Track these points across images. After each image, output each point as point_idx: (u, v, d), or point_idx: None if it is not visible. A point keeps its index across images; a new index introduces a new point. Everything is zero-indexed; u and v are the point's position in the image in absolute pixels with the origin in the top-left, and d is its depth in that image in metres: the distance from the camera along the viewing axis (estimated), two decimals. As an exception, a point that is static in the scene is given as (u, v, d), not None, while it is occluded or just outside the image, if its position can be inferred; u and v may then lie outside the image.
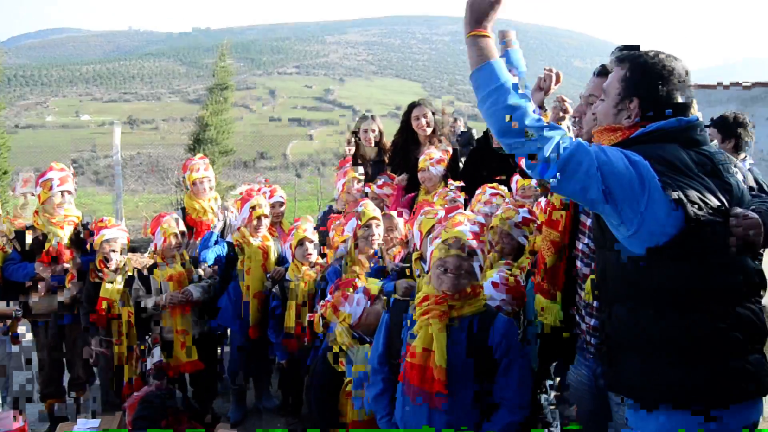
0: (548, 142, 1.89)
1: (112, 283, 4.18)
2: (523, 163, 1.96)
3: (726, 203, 1.93)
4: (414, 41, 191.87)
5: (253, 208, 4.36)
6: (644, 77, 2.08)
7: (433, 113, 5.36)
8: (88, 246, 4.39)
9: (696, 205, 1.86)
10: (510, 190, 4.21)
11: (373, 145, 5.53)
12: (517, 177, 4.35)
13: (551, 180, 1.92)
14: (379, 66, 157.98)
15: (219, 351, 4.91)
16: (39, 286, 4.16)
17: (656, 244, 1.90)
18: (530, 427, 3.51)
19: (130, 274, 4.26)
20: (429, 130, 5.29)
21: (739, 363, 1.92)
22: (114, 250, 4.20)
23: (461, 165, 5.35)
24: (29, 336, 4.41)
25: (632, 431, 2.05)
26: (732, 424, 1.93)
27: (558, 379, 4.33)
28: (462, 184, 4.31)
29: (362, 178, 4.88)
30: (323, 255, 4.34)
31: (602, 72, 2.58)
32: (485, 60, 1.98)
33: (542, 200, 3.15)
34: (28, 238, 4.22)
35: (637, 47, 2.20)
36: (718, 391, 1.91)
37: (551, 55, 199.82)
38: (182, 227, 4.38)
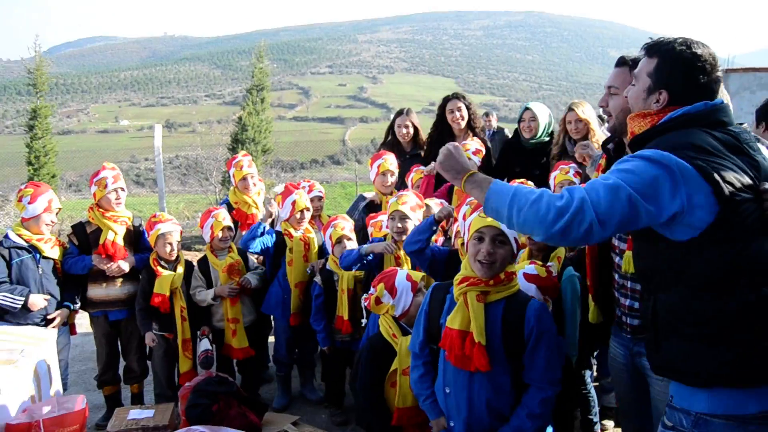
0: (581, 209, 1.90)
1: (174, 271, 4.36)
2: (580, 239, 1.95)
3: (756, 180, 1.95)
4: (446, 37, 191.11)
5: (294, 202, 4.50)
6: (674, 68, 2.13)
7: (468, 107, 5.42)
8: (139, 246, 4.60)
9: (730, 185, 1.88)
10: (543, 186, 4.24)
11: (408, 139, 5.61)
12: (555, 173, 4.39)
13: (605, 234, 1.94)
14: (411, 63, 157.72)
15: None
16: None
17: (699, 229, 1.91)
18: (572, 408, 3.57)
19: (183, 267, 4.45)
20: (463, 123, 5.37)
21: None
22: (170, 243, 4.36)
23: (493, 162, 5.41)
24: (87, 326, 4.63)
25: (677, 410, 2.08)
26: None
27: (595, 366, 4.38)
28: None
29: (395, 170, 4.96)
30: None
31: (622, 62, 2.69)
32: (486, 187, 2.09)
33: None
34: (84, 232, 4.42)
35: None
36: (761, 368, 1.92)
37: (587, 46, 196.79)
38: (229, 221, 4.56)
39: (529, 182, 4.08)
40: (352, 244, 4.29)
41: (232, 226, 4.59)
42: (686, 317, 1.99)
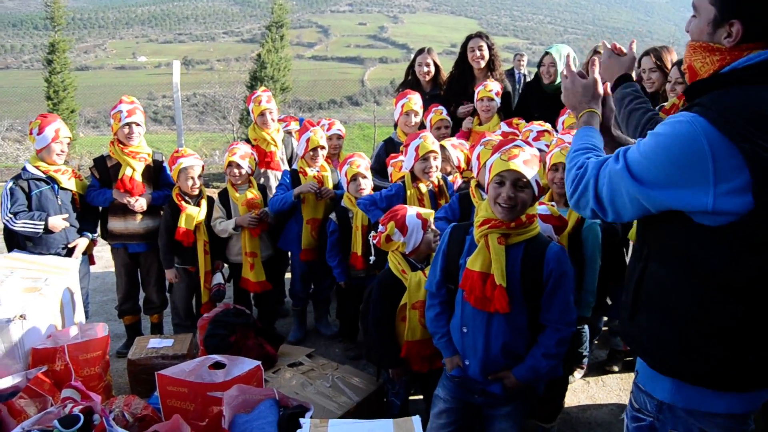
0: (585, 193, 1.83)
1: (198, 206, 4.43)
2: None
3: None
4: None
5: (308, 140, 4.49)
6: None
7: (490, 47, 5.35)
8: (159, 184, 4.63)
9: None
10: (555, 128, 4.22)
11: (429, 79, 5.54)
12: (563, 117, 4.35)
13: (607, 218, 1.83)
14: (433, 2, 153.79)
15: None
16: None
17: (731, 217, 1.59)
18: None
19: (206, 201, 4.51)
20: (483, 63, 5.32)
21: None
22: (192, 177, 4.39)
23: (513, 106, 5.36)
24: (108, 258, 4.73)
25: (642, 391, 1.94)
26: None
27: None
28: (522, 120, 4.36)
29: (420, 110, 4.91)
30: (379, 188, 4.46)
31: None
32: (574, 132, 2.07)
33: None
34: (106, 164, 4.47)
35: None
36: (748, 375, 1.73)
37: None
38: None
39: (547, 124, 4.06)
40: (366, 182, 4.27)
41: (255, 159, 4.61)
42: (676, 299, 1.74)
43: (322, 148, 4.56)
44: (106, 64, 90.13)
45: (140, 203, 4.39)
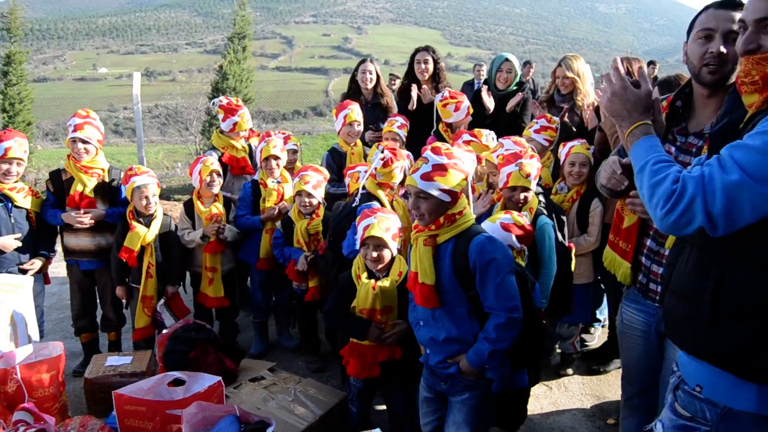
0: (689, 208, 1.65)
1: (148, 227, 4.30)
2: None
3: None
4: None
5: (261, 149, 4.55)
6: None
7: (435, 60, 5.60)
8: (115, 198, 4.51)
9: None
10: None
11: (369, 87, 5.59)
12: (532, 128, 4.59)
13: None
14: (397, 14, 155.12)
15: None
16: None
17: None
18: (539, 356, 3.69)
19: (160, 222, 4.39)
20: (427, 75, 5.56)
21: None
22: (146, 196, 4.27)
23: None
24: (63, 273, 4.61)
25: (701, 400, 1.85)
26: None
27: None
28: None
29: (360, 120, 4.98)
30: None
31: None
32: (632, 143, 1.94)
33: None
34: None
35: None
36: None
37: (575, 0, 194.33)
38: (217, 166, 4.54)
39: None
40: (313, 200, 4.29)
41: (220, 171, 4.55)
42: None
43: (276, 158, 4.56)
44: (66, 76, 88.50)
45: (88, 217, 4.26)
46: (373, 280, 3.22)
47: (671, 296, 1.95)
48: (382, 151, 3.81)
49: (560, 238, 3.70)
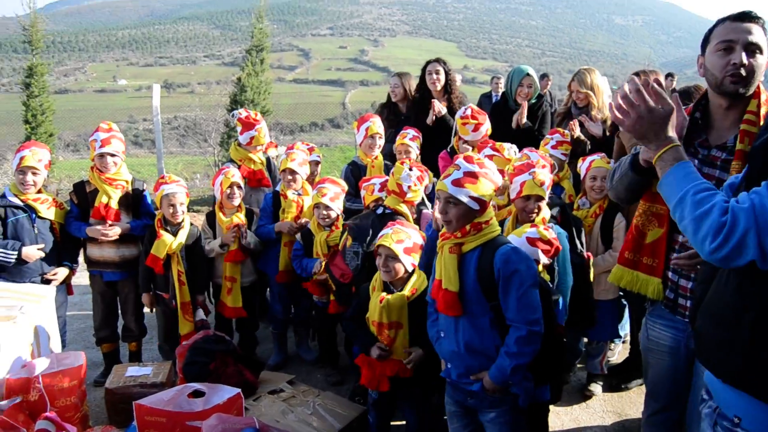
0: (743, 242, 1.58)
1: (175, 235, 4.32)
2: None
3: None
4: (449, 0, 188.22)
5: (282, 161, 4.61)
6: None
7: (447, 71, 5.63)
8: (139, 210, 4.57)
9: None
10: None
11: (439, 88, 5.64)
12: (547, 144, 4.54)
13: None
14: (413, 26, 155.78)
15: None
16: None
17: None
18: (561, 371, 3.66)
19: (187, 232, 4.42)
20: (439, 86, 5.60)
21: None
22: (173, 204, 4.30)
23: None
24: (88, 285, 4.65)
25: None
26: None
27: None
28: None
29: (382, 133, 5.01)
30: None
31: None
32: (665, 170, 1.86)
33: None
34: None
35: None
36: None
37: (591, 12, 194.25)
38: (239, 178, 4.59)
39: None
40: (331, 213, 4.31)
41: (241, 183, 4.60)
42: None
43: (293, 172, 4.58)
44: (86, 87, 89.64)
45: (114, 231, 4.31)
46: (384, 293, 3.24)
47: (704, 318, 1.88)
48: (411, 169, 3.83)
49: (579, 247, 3.66)
